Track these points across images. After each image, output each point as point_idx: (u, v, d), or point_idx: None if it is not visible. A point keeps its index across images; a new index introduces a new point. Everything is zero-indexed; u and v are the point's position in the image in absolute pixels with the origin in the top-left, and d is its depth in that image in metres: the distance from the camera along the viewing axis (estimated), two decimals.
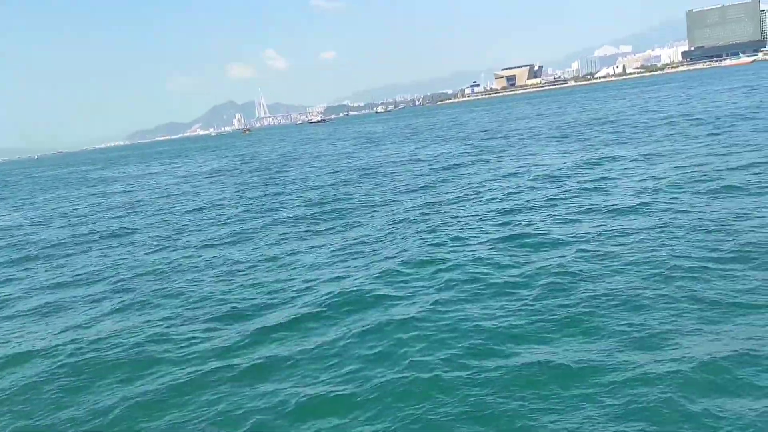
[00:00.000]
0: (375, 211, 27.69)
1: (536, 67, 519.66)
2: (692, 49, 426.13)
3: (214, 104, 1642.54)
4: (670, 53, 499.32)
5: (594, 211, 21.74)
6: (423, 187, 33.81)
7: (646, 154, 34.20)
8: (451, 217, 23.86)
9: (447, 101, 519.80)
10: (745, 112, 49.33)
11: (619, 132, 49.46)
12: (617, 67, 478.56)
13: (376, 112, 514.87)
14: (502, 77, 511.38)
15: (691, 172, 26.46)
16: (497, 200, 26.49)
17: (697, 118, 50.55)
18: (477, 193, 29.04)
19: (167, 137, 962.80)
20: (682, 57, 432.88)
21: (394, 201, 29.92)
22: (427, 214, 25.27)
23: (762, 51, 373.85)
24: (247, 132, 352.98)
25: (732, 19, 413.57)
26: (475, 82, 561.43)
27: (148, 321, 15.41)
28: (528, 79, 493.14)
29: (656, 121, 53.65)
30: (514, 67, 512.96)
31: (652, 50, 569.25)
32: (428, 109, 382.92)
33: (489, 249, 18.23)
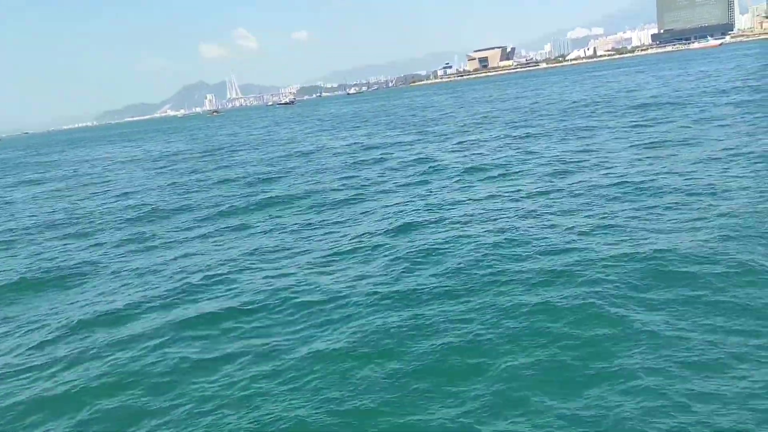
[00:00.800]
0: (284, 204, 26.65)
1: (509, 49, 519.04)
2: (662, 31, 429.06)
3: (185, 84, 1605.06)
4: (641, 36, 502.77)
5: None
6: (340, 184, 32.82)
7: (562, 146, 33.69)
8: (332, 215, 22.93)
9: (420, 82, 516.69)
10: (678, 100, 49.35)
11: (546, 119, 49.10)
12: (588, 49, 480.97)
13: (348, 94, 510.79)
14: (474, 59, 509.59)
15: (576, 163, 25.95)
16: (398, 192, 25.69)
17: (625, 105, 50.43)
18: (390, 181, 28.20)
19: (137, 118, 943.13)
20: (652, 40, 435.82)
21: (308, 195, 28.85)
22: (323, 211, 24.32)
23: (730, 34, 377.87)
24: (214, 114, 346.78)
25: (701, 1, 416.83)
26: (447, 63, 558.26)
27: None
28: (500, 60, 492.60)
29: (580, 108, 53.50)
30: (487, 49, 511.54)
31: (624, 33, 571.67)
32: (399, 90, 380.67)
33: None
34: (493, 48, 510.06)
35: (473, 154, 35.13)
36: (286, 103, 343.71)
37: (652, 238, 14.98)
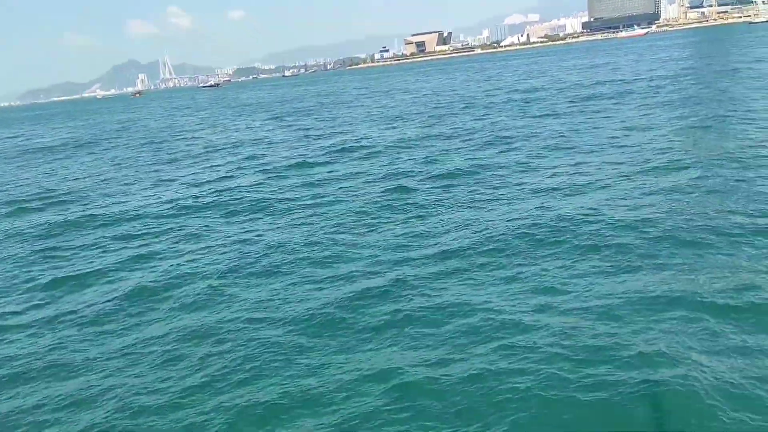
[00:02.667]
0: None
1: (446, 34, 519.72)
2: (592, 20, 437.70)
3: (115, 63, 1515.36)
4: (574, 23, 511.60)
5: None
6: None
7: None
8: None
9: (357, 66, 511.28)
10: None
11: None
12: (522, 36, 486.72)
13: (284, 76, 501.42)
14: (412, 43, 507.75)
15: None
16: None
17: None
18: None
19: (63, 98, 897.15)
20: (582, 27, 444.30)
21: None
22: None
23: (656, 23, 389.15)
24: (137, 95, 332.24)
25: None
26: (384, 47, 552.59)
27: None
28: (437, 45, 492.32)
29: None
30: (424, 33, 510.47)
31: (558, 20, 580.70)
32: (336, 74, 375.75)
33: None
34: (430, 33, 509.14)
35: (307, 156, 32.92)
36: (211, 86, 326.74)
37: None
